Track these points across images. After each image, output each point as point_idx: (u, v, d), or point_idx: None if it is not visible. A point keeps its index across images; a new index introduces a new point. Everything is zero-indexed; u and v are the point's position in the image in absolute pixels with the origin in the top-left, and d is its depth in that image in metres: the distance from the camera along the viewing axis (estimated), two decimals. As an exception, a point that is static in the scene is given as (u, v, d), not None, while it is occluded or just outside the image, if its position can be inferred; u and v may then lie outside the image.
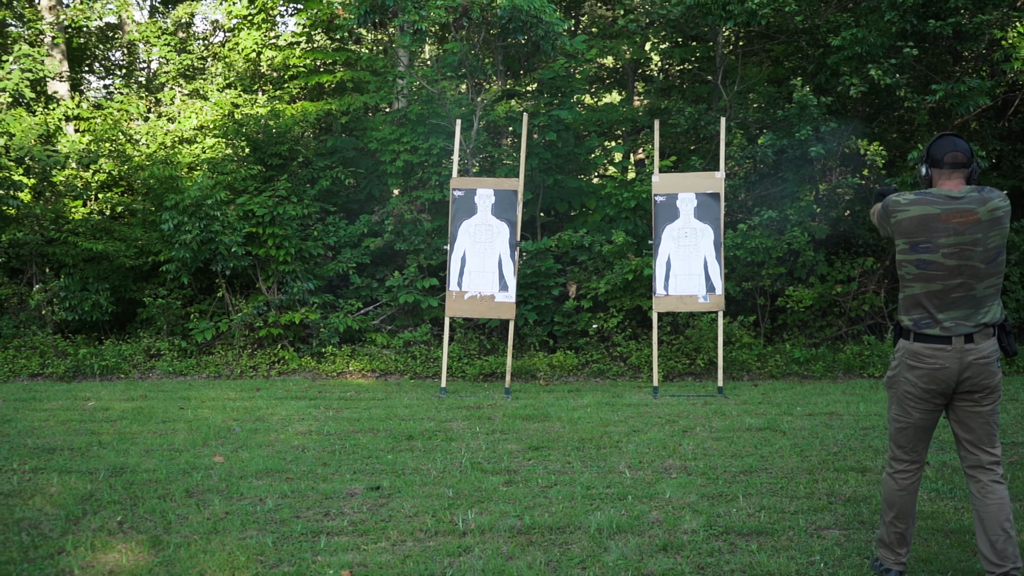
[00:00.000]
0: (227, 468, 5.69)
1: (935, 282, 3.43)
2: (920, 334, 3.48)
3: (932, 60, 10.35)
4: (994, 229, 3.38)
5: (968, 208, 3.38)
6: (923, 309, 3.47)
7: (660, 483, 5.25)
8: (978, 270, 3.40)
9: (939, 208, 3.41)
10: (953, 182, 3.47)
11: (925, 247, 3.43)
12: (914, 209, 3.46)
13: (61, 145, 12.37)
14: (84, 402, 8.28)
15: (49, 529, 4.52)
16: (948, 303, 3.43)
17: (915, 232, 3.45)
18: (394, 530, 4.47)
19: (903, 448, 3.63)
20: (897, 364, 3.60)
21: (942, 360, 3.43)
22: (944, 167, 3.49)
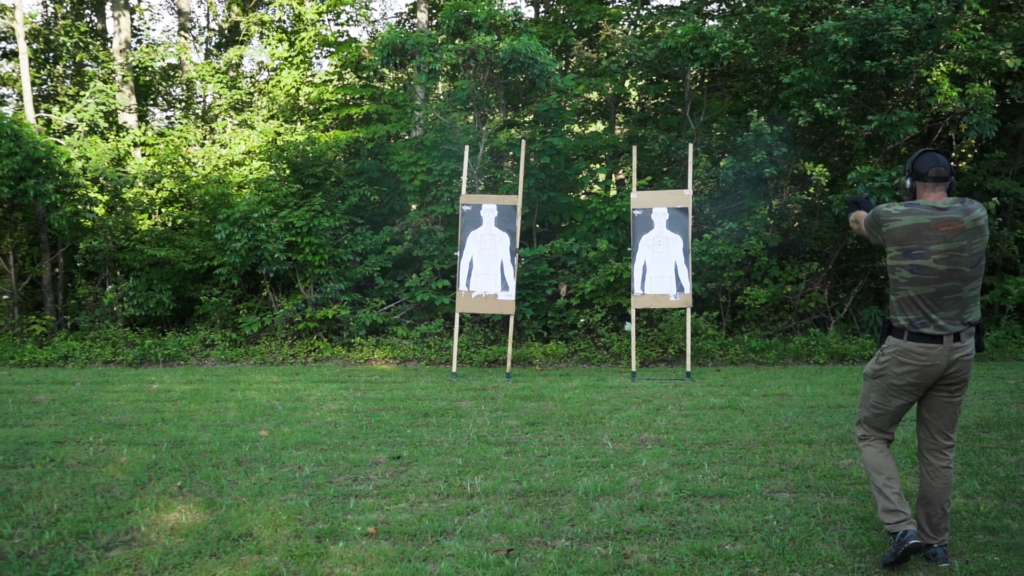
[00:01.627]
0: (271, 441, 5.70)
1: (928, 285, 3.26)
2: (915, 333, 3.29)
3: (868, 95, 10.35)
4: (977, 236, 3.25)
5: (954, 217, 3.23)
6: (919, 310, 3.29)
7: (637, 453, 5.25)
8: (964, 274, 3.25)
9: (928, 218, 3.24)
10: (936, 194, 3.32)
11: (918, 253, 3.26)
12: (905, 219, 3.29)
13: (130, 167, 12.39)
14: (149, 385, 8.29)
15: (120, 492, 4.53)
16: (940, 304, 3.27)
17: (907, 240, 3.28)
18: (412, 493, 4.47)
19: (877, 429, 3.54)
20: (887, 359, 3.40)
21: (932, 357, 3.28)
22: (928, 180, 3.33)
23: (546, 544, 3.74)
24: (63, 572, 3.47)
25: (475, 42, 9.76)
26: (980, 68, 9.57)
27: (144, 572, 3.46)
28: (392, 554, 3.62)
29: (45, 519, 4.09)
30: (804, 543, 3.69)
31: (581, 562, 3.52)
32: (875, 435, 3.55)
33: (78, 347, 10.33)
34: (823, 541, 3.71)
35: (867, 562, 3.49)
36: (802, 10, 10.35)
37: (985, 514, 4.01)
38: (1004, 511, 4.05)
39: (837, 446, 5.36)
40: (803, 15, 10.43)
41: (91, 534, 3.89)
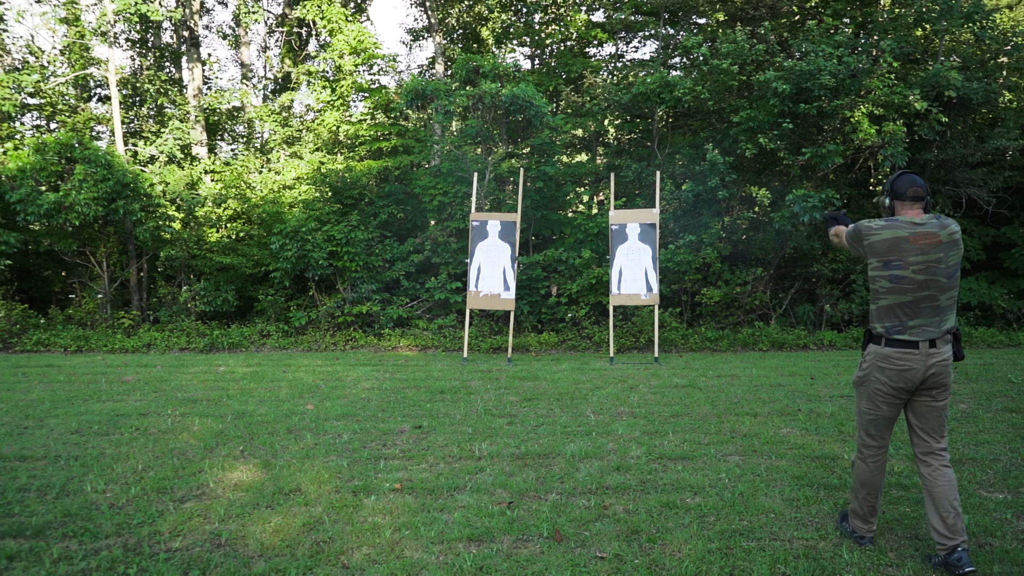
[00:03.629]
0: (316, 413, 5.69)
1: (906, 294, 2.93)
2: (892, 339, 2.97)
3: (802, 131, 10.35)
4: (953, 249, 2.92)
5: (931, 232, 2.92)
6: (896, 318, 2.96)
7: (614, 423, 5.25)
8: (941, 284, 2.93)
9: (907, 232, 2.93)
10: (914, 211, 3.00)
11: (897, 264, 2.94)
12: (885, 233, 2.96)
13: (201, 190, 12.39)
14: (216, 368, 8.29)
15: (192, 455, 4.52)
16: (917, 312, 2.93)
17: (887, 252, 2.95)
18: (431, 456, 4.47)
19: (872, 436, 3.12)
20: (868, 366, 3.07)
21: (910, 362, 2.94)
22: (907, 199, 3.00)
23: (540, 498, 3.73)
24: (146, 520, 3.46)
25: (482, 88, 9.76)
26: (893, 110, 9.56)
27: (212, 520, 3.46)
28: (414, 506, 3.62)
29: (132, 477, 4.09)
30: (750, 497, 3.68)
31: (569, 512, 3.51)
32: (871, 444, 3.12)
33: (159, 337, 10.33)
34: (766, 495, 3.70)
35: (802, 512, 3.48)
36: (748, 63, 10.34)
37: (898, 473, 4.00)
38: (913, 471, 4.04)
39: (778, 418, 5.35)
40: (749, 67, 10.43)
41: (169, 489, 3.88)
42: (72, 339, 10.17)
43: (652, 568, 2.95)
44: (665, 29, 13.51)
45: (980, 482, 3.87)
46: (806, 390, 6.42)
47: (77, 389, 6.81)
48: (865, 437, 3.14)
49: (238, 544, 3.20)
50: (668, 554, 3.07)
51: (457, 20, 16.10)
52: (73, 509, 3.59)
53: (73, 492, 3.85)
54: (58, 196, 10.00)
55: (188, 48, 14.48)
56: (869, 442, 3.13)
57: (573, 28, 14.17)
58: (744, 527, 3.32)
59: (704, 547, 3.12)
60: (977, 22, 10.23)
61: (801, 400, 5.98)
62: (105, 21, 12.26)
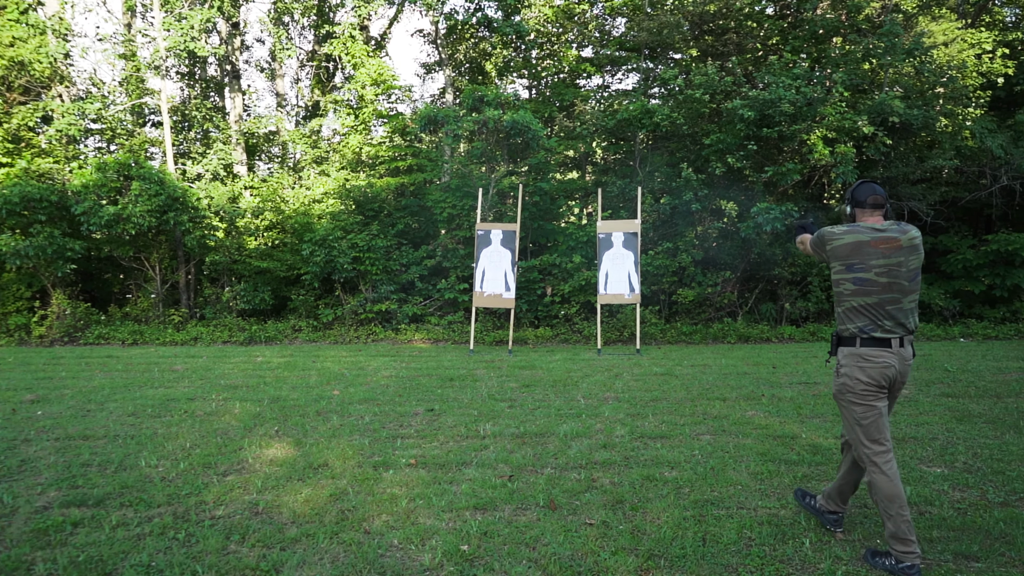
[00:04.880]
0: (341, 398, 5.69)
1: (871, 296, 2.68)
2: (867, 338, 2.69)
3: (765, 152, 10.35)
4: (913, 254, 2.68)
5: (892, 236, 2.68)
6: (866, 317, 2.69)
7: (602, 407, 5.24)
8: (903, 287, 2.67)
9: (868, 236, 2.69)
10: (875, 218, 2.75)
11: (859, 267, 2.69)
12: (847, 237, 2.72)
13: (241, 204, 12.38)
14: (255, 358, 8.28)
15: (233, 435, 4.52)
16: (883, 313, 2.68)
17: (849, 255, 2.71)
18: (442, 435, 4.46)
19: (877, 440, 2.69)
20: (847, 369, 2.72)
21: (888, 358, 2.66)
22: (867, 207, 2.75)
23: (537, 472, 3.72)
24: (193, 492, 3.46)
25: (486, 115, 9.75)
26: (844, 133, 9.56)
27: (251, 491, 3.45)
28: (427, 478, 3.61)
29: (180, 454, 4.09)
30: (720, 471, 3.67)
31: (562, 484, 3.50)
32: (879, 449, 2.69)
33: (204, 331, 10.32)
34: (734, 470, 3.70)
35: (765, 485, 3.47)
36: (718, 92, 10.34)
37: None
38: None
39: (744, 402, 5.35)
40: (719, 96, 10.42)
41: (213, 464, 3.88)
42: (129, 333, 10.16)
43: (635, 533, 2.95)
44: (646, 63, 13.51)
45: (920, 458, 3.87)
46: (768, 378, 6.42)
47: (133, 377, 6.81)
48: (871, 444, 2.69)
49: (273, 512, 3.19)
50: (649, 521, 3.07)
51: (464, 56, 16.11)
52: (129, 482, 3.59)
53: (129, 467, 3.85)
54: (117, 209, 10.00)
55: (230, 80, 14.48)
56: (877, 448, 2.69)
57: (565, 63, 14.18)
58: (715, 497, 3.31)
59: (680, 515, 3.11)
60: (917, 57, 10.23)
61: (764, 386, 5.98)
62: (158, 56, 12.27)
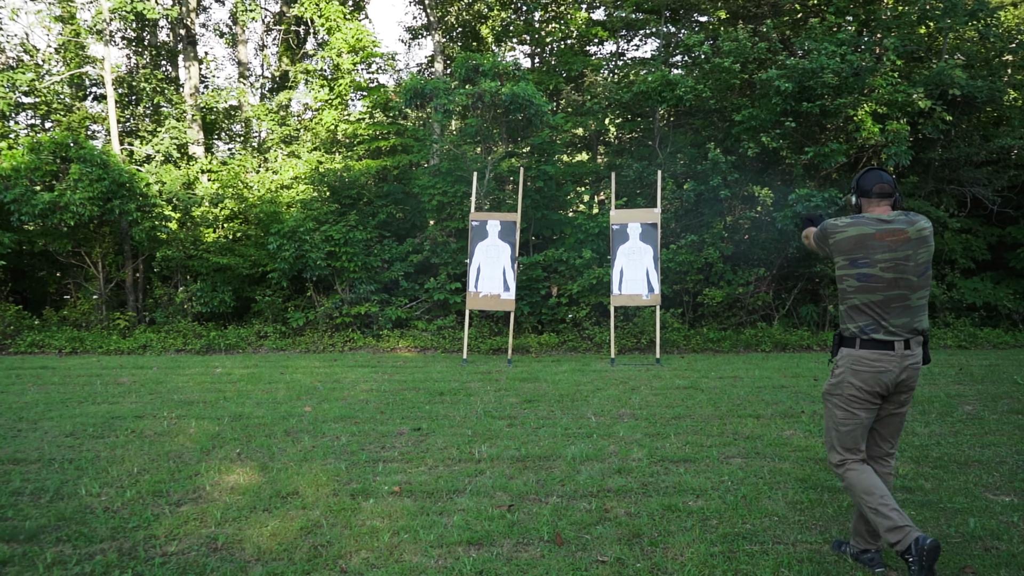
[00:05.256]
0: (314, 415, 5.68)
1: (876, 293, 2.80)
2: (867, 340, 2.82)
3: (805, 130, 10.34)
4: (922, 247, 2.80)
5: (899, 228, 2.80)
6: (869, 316, 2.82)
7: (616, 425, 5.24)
8: (911, 282, 2.80)
9: (873, 228, 2.81)
10: (881, 208, 2.88)
11: (864, 262, 2.81)
12: (851, 230, 2.85)
13: (198, 190, 12.38)
14: (213, 369, 8.27)
15: (189, 458, 4.51)
16: (889, 312, 2.80)
17: (853, 249, 2.84)
18: (430, 458, 4.45)
19: (849, 449, 2.91)
20: (842, 371, 2.89)
21: (885, 364, 2.80)
22: (873, 196, 2.89)
23: (540, 501, 3.72)
24: (141, 524, 3.45)
25: (482, 87, 9.75)
26: (897, 108, 9.56)
27: (208, 524, 3.44)
28: (413, 509, 3.60)
29: (127, 480, 4.08)
30: (753, 500, 3.67)
31: (570, 516, 3.50)
32: (850, 458, 2.92)
33: (155, 338, 10.31)
34: (769, 498, 3.69)
35: (806, 516, 3.47)
36: (750, 61, 10.34)
37: (903, 476, 3.99)
38: (919, 473, 4.04)
39: (781, 419, 5.34)
40: (751, 65, 10.42)
41: (165, 492, 3.87)
42: (67, 340, 10.16)
43: (654, 572, 2.94)
44: (666, 27, 13.51)
45: (986, 485, 3.86)
46: (809, 391, 6.40)
47: (72, 391, 6.79)
48: (841, 451, 2.92)
49: (234, 548, 3.18)
50: (670, 558, 3.06)
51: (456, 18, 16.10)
52: (67, 513, 3.58)
53: (67, 496, 3.84)
54: (53, 196, 9.99)
55: (185, 46, 14.48)
56: (847, 455, 2.91)
57: (573, 26, 14.17)
58: (747, 530, 3.31)
59: (707, 551, 3.11)
60: (981, 19, 10.23)
61: (804, 402, 5.96)
62: (100, 19, 12.25)
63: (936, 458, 4.31)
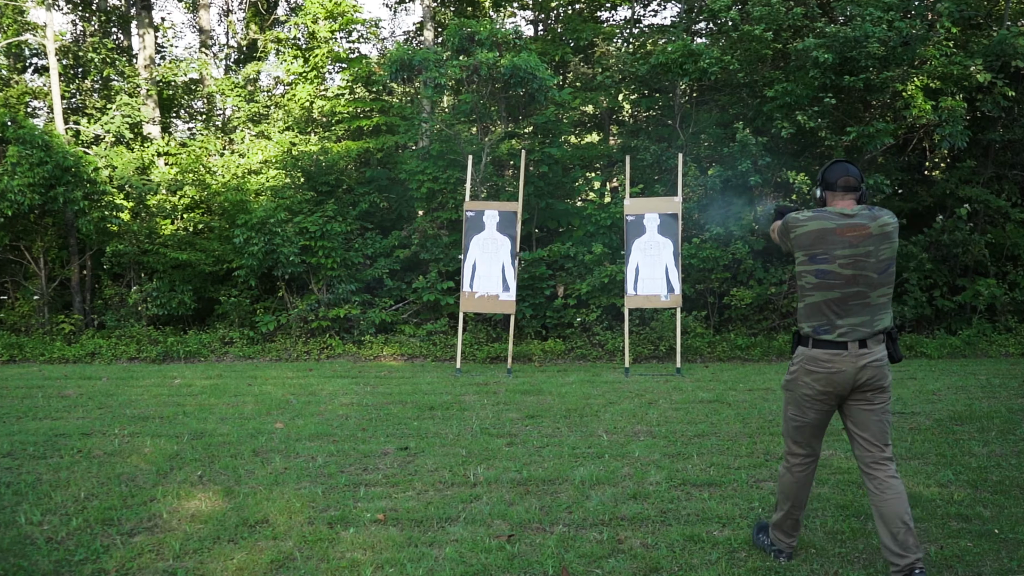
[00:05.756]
0: (286, 433, 5.68)
1: (834, 290, 3.07)
2: (819, 340, 3.10)
3: (847, 108, 10.33)
4: (884, 243, 3.06)
5: (860, 223, 3.06)
6: (823, 316, 3.09)
7: (631, 444, 5.23)
8: (871, 280, 3.06)
9: (834, 223, 3.07)
10: (846, 202, 3.15)
11: (823, 258, 3.08)
12: (811, 224, 3.11)
13: (153, 175, 12.38)
14: (172, 380, 8.27)
15: (143, 481, 4.51)
16: (846, 310, 3.06)
17: (813, 245, 3.11)
18: (419, 482, 4.45)
19: (799, 444, 3.28)
20: (796, 369, 3.20)
21: (839, 364, 3.06)
22: (838, 190, 3.16)
23: (545, 530, 3.72)
24: (89, 557, 3.45)
25: (478, 58, 9.75)
26: (952, 83, 9.56)
27: (166, 557, 3.44)
28: (400, 539, 3.61)
29: (73, 507, 4.08)
30: (788, 529, 3.66)
31: (578, 547, 3.50)
32: (798, 452, 3.29)
33: (104, 344, 10.32)
34: (805, 528, 3.69)
35: (847, 547, 3.47)
36: (785, 28, 10.33)
37: (958, 502, 3.99)
38: (976, 499, 4.03)
39: (819, 438, 5.34)
40: (785, 33, 10.42)
41: (116, 521, 3.87)
42: (3, 347, 10.16)
43: (674, 612, 2.94)
44: (688, -10, 13.50)
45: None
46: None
47: (9, 405, 6.79)
48: (792, 445, 3.30)
49: (195, 584, 3.18)
50: (693, 595, 3.06)
51: (449, -21, 16.10)
52: (4, 544, 3.58)
53: (4, 524, 3.84)
54: (-12, 182, 9.99)
55: (138, 11, 14.48)
56: (796, 450, 3.29)
57: (582, -11, 14.18)
58: (780, 565, 3.31)
59: (734, 587, 3.11)
60: (1049, -19, 10.22)
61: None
62: (43, -19, 12.25)
63: (996, 482, 4.31)
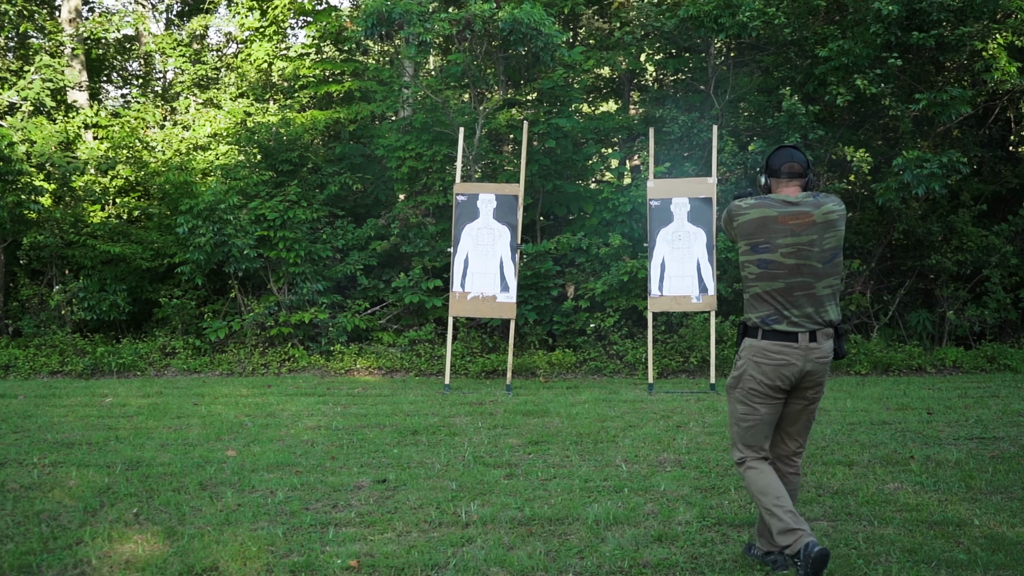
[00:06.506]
0: (239, 462, 5.67)
1: (777, 280, 3.47)
2: (769, 331, 3.49)
3: (915, 70, 10.33)
4: (829, 231, 3.46)
5: (804, 211, 3.45)
6: (770, 306, 3.50)
7: (655, 476, 5.23)
8: (816, 269, 3.46)
9: (776, 211, 3.48)
10: (790, 189, 3.57)
11: (764, 247, 3.49)
12: (753, 212, 3.52)
13: (80, 152, 12.37)
14: (102, 398, 8.26)
15: (68, 521, 4.50)
16: (791, 301, 3.47)
17: (755, 233, 3.51)
18: (400, 521, 4.45)
19: (751, 447, 3.61)
20: (743, 363, 3.58)
21: (788, 356, 3.46)
22: (782, 176, 3.58)
23: (551, 579, 3.72)
24: (3, 611, 3.45)
25: (471, 10, 9.74)
26: (1043, 40, 9.56)
27: (95, 611, 3.44)
28: (377, 591, 3.60)
29: (-17, 551, 4.07)
30: (844, 578, 3.67)
31: (591, 600, 3.50)
32: (751, 455, 3.62)
33: (21, 355, 10.31)
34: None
35: (916, 600, 3.47)
36: (841, -26, 10.34)
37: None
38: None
39: (881, 468, 5.34)
40: (842, -20, 10.42)
41: (35, 568, 3.86)
42: (-100, 359, 10.16)
43: (707, 677, 2.95)
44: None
45: None
46: (921, 429, 6.41)
47: (-93, 428, 6.78)
48: (743, 448, 3.64)
49: (131, 644, 3.18)
50: (730, 658, 3.06)
51: (436, -84, 16.10)
52: (-99, 595, 3.58)
53: (-99, 572, 3.84)
54: None
55: (62, -46, 14.46)
56: (748, 453, 3.63)
57: (597, -73, 14.17)
58: (835, 620, 3.31)
59: (780, 648, 3.11)
60: None
61: (915, 443, 5.97)
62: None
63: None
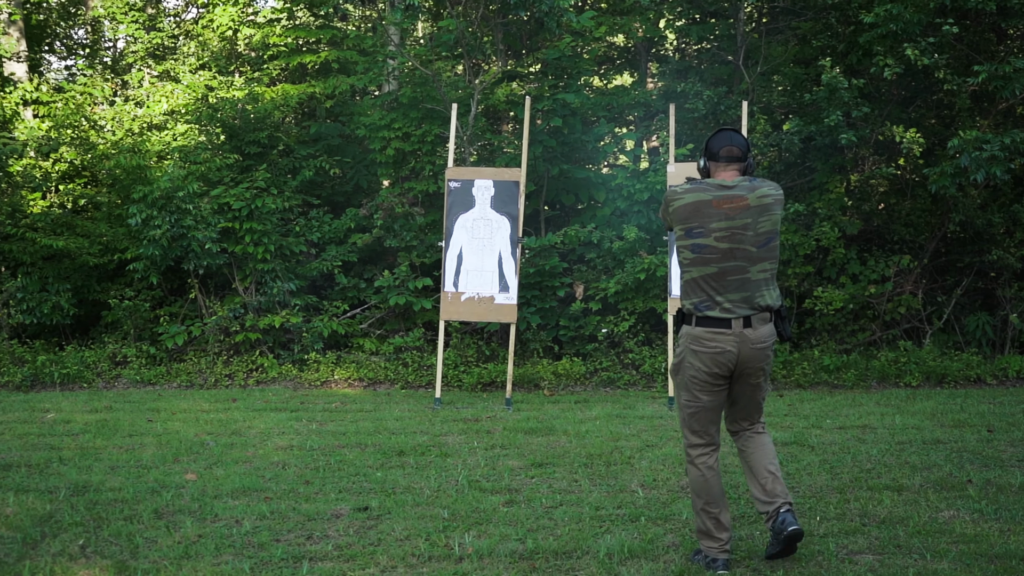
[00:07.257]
0: (200, 487, 5.67)
1: (710, 265, 3.90)
2: (701, 317, 3.92)
3: (974, 39, 10.33)
4: (763, 215, 3.91)
5: (738, 195, 3.90)
6: (703, 292, 3.94)
7: (676, 503, 5.23)
8: (750, 253, 3.90)
9: (711, 195, 3.92)
10: (728, 173, 4.00)
11: (699, 232, 3.91)
12: (688, 196, 3.97)
13: (18, 132, 12.35)
14: (43, 414, 8.26)
15: (4, 554, 4.50)
16: (724, 286, 3.90)
17: (689, 218, 3.95)
18: (383, 555, 4.45)
19: (697, 433, 4.10)
20: (682, 350, 4.03)
21: (722, 343, 3.89)
22: (720, 160, 4.00)
23: (557, 621, 3.72)
24: (-70, 657, 3.46)
25: (465, -30, 9.75)
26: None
27: (35, 657, 3.45)
28: (357, 634, 3.61)
29: (-93, 588, 4.08)
30: (893, 620, 3.67)
31: (603, 645, 3.50)
32: (697, 442, 4.11)
33: (-49, 365, 10.31)
34: (917, 617, 3.70)
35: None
36: (889, -72, 10.33)
37: None
38: None
39: (935, 493, 5.34)
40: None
41: (-33, 608, 3.87)
42: None
43: None
44: None
45: None
46: (981, 449, 6.41)
47: None
48: (689, 435, 4.15)
49: None
50: None
51: None
52: None
53: None
54: None
55: (-3, -94, 14.46)
56: (694, 440, 4.13)
57: None
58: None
59: None
60: None
61: (973, 466, 5.96)
62: None
63: None
